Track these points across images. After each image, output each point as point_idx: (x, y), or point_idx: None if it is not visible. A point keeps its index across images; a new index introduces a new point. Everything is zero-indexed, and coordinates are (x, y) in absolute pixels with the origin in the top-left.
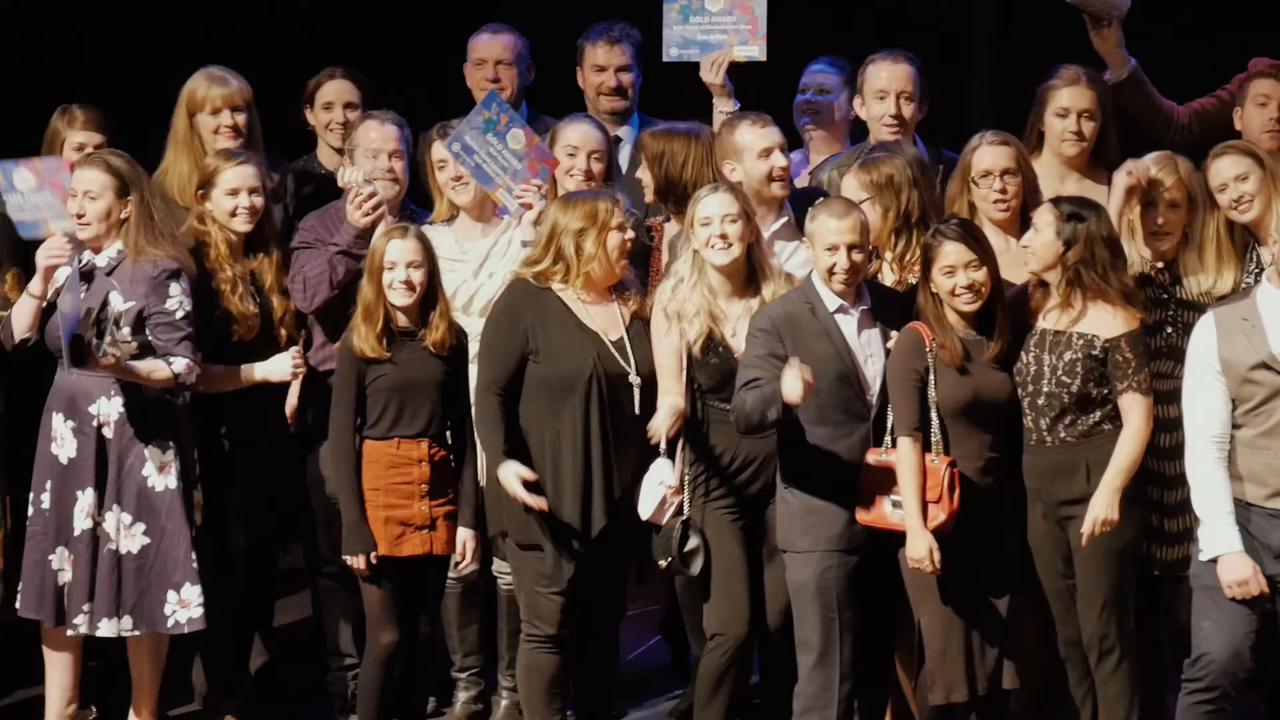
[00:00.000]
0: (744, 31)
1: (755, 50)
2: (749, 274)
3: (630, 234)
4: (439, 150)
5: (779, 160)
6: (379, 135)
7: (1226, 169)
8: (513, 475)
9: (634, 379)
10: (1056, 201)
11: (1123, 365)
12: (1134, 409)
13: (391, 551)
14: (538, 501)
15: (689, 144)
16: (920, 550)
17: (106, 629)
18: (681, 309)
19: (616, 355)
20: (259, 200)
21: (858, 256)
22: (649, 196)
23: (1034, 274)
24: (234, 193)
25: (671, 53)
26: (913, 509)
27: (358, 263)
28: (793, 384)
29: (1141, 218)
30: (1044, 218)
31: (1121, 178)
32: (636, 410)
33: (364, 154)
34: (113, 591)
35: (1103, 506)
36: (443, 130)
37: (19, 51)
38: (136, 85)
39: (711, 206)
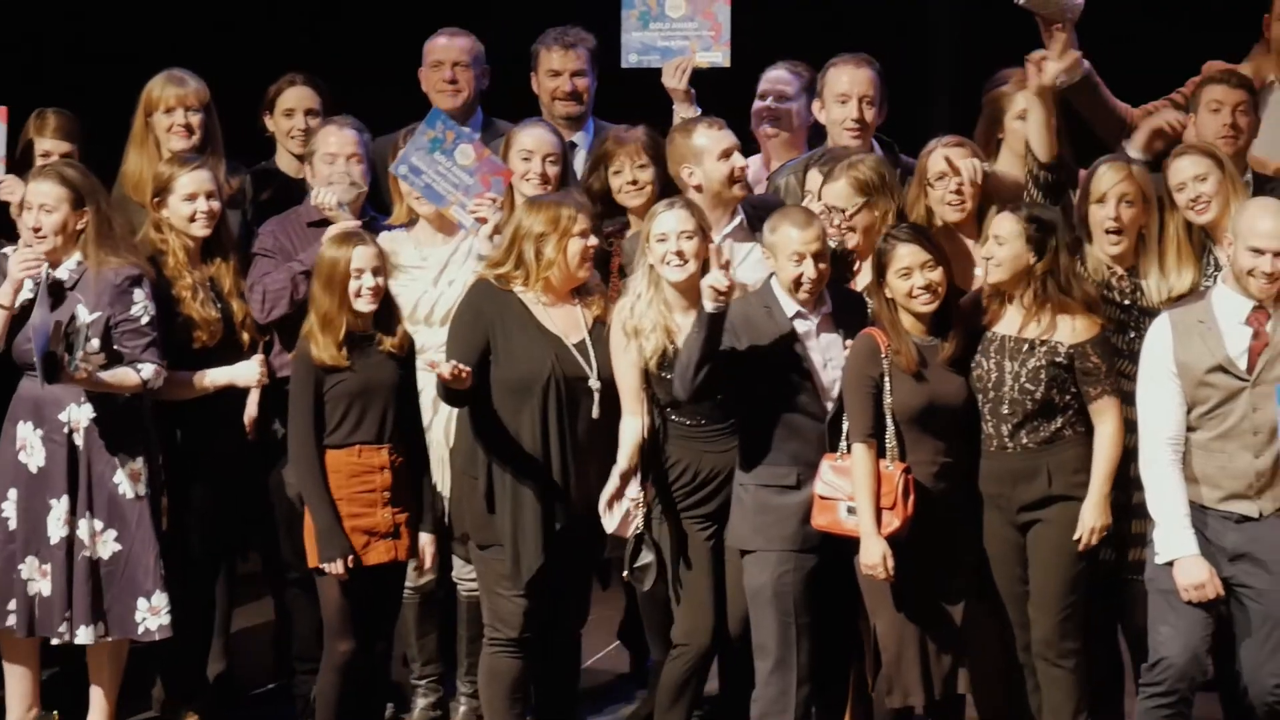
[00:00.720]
0: (707, 38)
1: (719, 56)
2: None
3: (594, 240)
4: None
5: (739, 161)
6: (338, 140)
7: (1186, 169)
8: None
9: (594, 383)
10: (1018, 210)
11: (1093, 371)
12: (1108, 412)
13: (359, 560)
14: (451, 368)
15: None
16: (873, 557)
17: (85, 636)
18: (638, 325)
19: (578, 358)
20: (216, 204)
21: (823, 266)
22: (633, 200)
23: (997, 285)
24: (191, 198)
25: (630, 59)
26: (866, 515)
27: None
28: (716, 276)
29: (1097, 217)
30: (1010, 228)
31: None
32: (596, 414)
33: (321, 159)
34: (90, 599)
35: (1096, 514)
36: (409, 136)
37: None
38: (107, 90)
39: (668, 223)
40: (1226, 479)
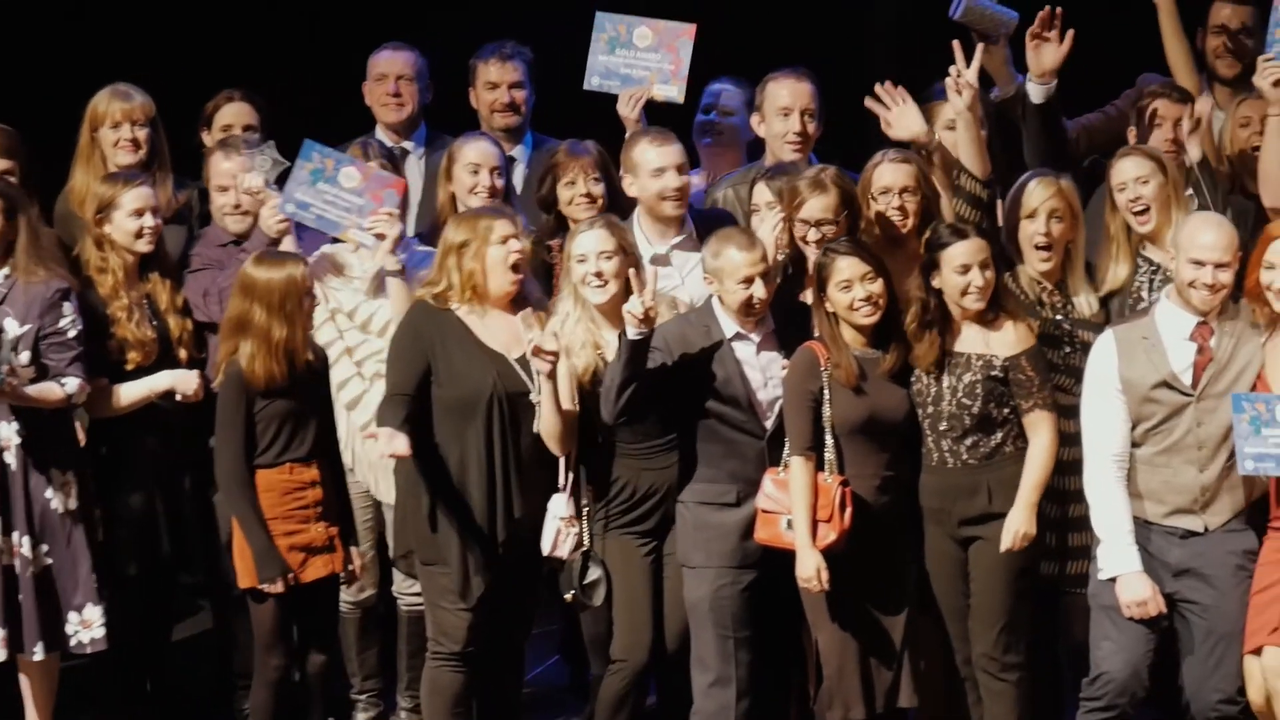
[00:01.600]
0: (666, 71)
1: (674, 91)
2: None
3: (520, 246)
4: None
5: (672, 180)
6: (230, 167)
7: (1128, 169)
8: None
9: (535, 397)
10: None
11: (1026, 384)
12: (1041, 425)
13: (297, 578)
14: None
15: None
16: (808, 569)
17: (28, 652)
18: (567, 343)
19: (519, 373)
20: (159, 220)
21: (770, 284)
22: (584, 214)
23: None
24: (138, 213)
25: (593, 81)
26: (802, 528)
27: None
28: (634, 303)
29: (1027, 232)
30: (984, 251)
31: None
32: (536, 428)
33: (216, 190)
34: (20, 614)
35: (1021, 521)
36: (365, 146)
37: None
38: (54, 106)
39: (587, 243)
40: (1171, 494)
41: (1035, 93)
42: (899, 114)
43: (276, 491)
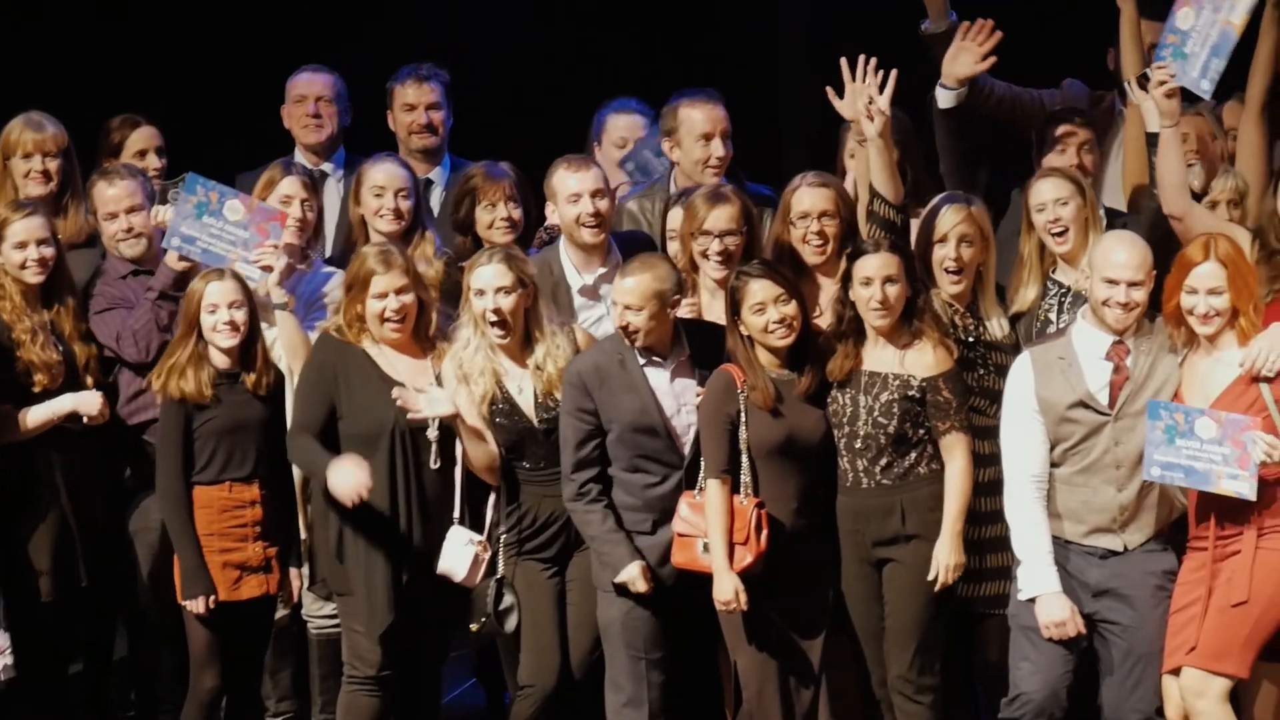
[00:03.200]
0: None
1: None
2: (526, 336)
3: (399, 304)
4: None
5: (586, 207)
6: (115, 195)
7: (1047, 191)
8: (347, 481)
9: (432, 433)
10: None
11: (943, 405)
12: (957, 447)
13: (231, 596)
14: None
15: None
16: (726, 592)
17: None
18: (468, 370)
19: None
20: (49, 251)
21: (656, 314)
22: (503, 238)
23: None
24: (21, 245)
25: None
26: (719, 551)
27: (176, 304)
28: (637, 585)
29: (937, 256)
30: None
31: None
32: (435, 464)
33: (104, 218)
34: None
35: (949, 552)
36: (285, 166)
37: None
38: None
39: (484, 277)
40: (1090, 513)
41: (943, 97)
42: (852, 92)
43: (214, 509)
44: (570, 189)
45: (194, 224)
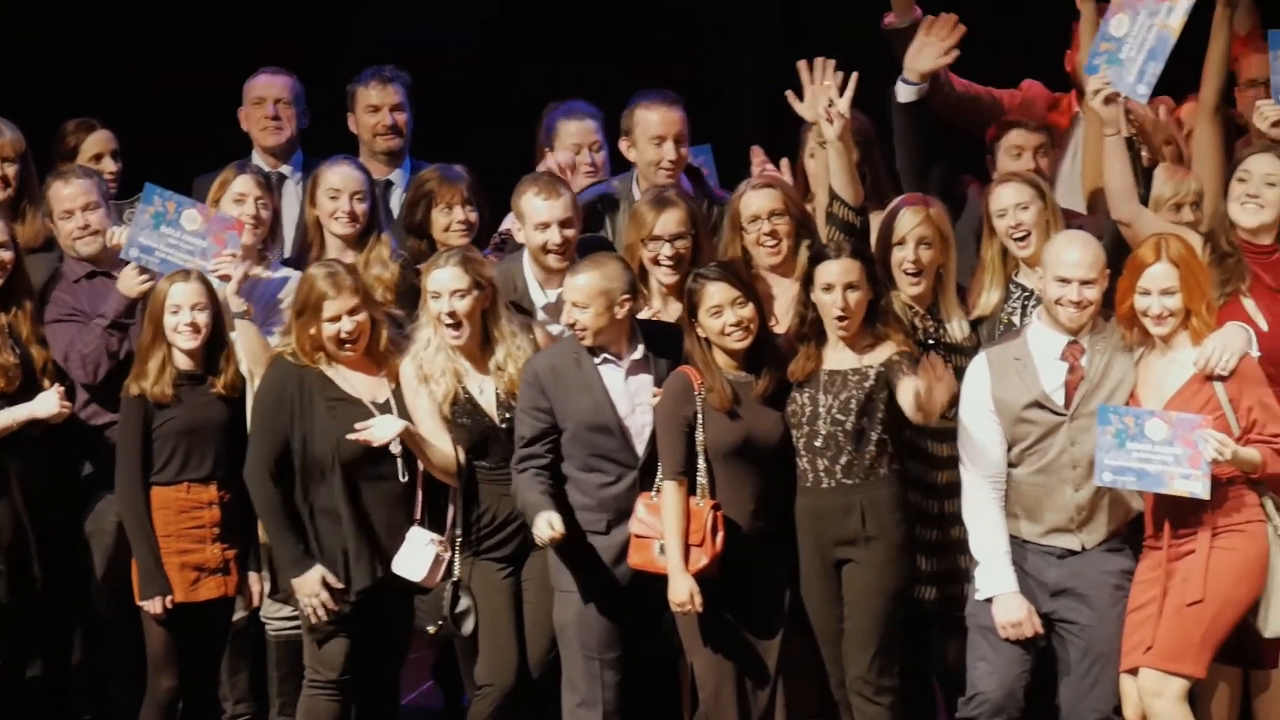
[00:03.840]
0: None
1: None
2: (485, 337)
3: (351, 324)
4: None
5: (554, 236)
6: (70, 194)
7: (1008, 196)
8: (315, 582)
9: (395, 448)
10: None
11: (900, 365)
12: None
13: (188, 597)
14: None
15: None
16: (681, 594)
17: None
18: (429, 371)
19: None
20: (6, 255)
21: (604, 312)
22: (458, 241)
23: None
24: None
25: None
26: (674, 552)
27: (126, 332)
28: (541, 529)
29: (896, 259)
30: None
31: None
32: (404, 477)
33: (60, 216)
34: None
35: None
36: (240, 168)
37: None
38: None
39: (441, 280)
40: (1048, 513)
41: (903, 92)
42: (812, 93)
43: (172, 509)
44: (540, 216)
45: (151, 234)
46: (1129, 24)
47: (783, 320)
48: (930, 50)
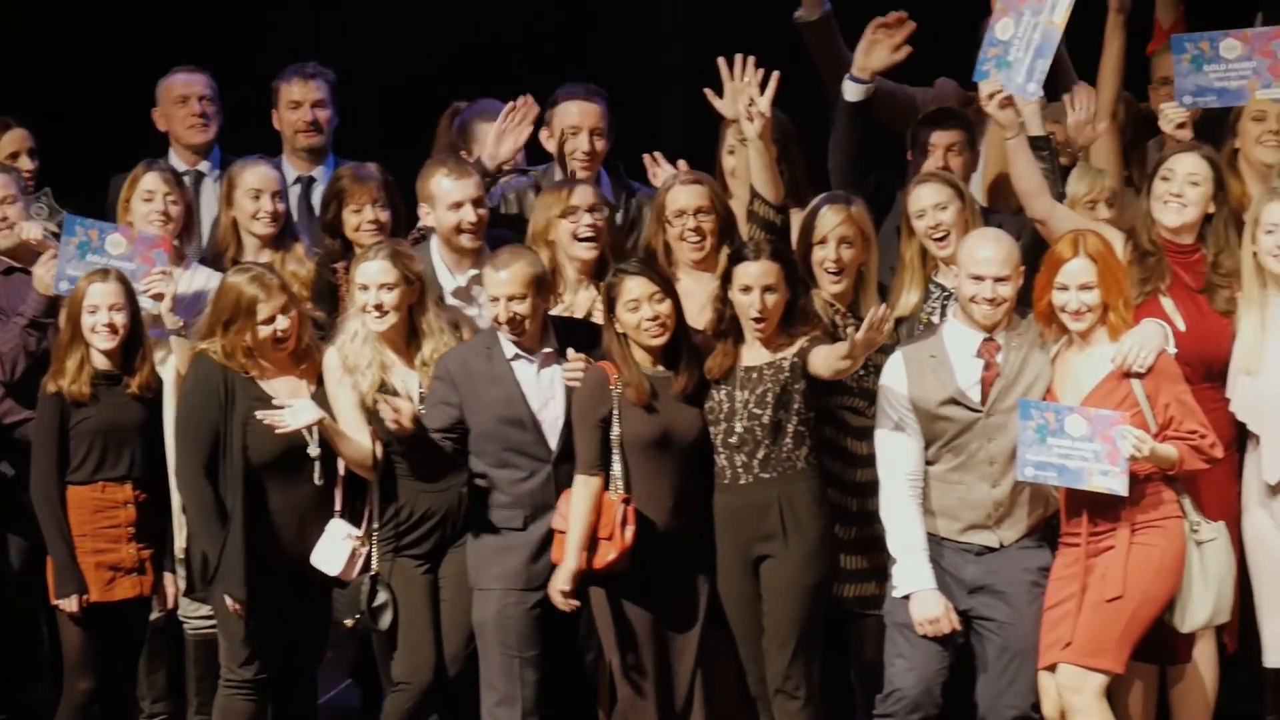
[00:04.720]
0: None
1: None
2: (411, 331)
3: (284, 324)
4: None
5: (468, 215)
6: None
7: (926, 197)
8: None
9: (313, 450)
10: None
11: (812, 348)
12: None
13: (104, 597)
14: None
15: None
16: (560, 582)
17: None
18: (354, 362)
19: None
20: None
21: (533, 302)
22: (370, 240)
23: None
24: None
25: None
26: (574, 543)
27: (44, 331)
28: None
29: (818, 257)
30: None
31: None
32: (319, 480)
33: None
34: None
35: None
36: (150, 164)
37: None
38: None
39: (368, 273)
40: (965, 510)
41: (850, 90)
42: (732, 91)
43: (87, 509)
44: (451, 197)
45: (79, 264)
46: (1014, 26)
47: (701, 317)
48: (882, 48)
